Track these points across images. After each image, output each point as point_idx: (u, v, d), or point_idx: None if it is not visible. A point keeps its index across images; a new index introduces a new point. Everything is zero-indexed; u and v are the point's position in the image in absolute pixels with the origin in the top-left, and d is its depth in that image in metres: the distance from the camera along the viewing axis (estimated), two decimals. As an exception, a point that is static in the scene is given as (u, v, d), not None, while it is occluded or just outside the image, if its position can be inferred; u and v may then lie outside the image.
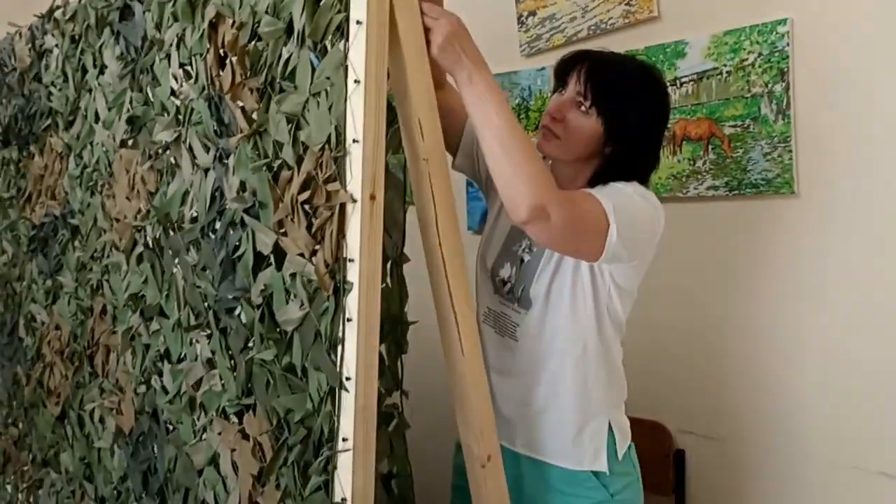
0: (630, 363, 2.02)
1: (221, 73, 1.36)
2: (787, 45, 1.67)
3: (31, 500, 2.09)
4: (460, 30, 1.22)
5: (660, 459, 1.96)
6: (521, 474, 1.47)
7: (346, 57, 1.12)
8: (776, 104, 1.70)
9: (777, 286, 1.77)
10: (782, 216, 1.74)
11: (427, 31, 1.19)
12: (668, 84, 1.82)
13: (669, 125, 1.84)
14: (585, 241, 1.29)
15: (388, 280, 1.23)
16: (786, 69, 1.68)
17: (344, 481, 1.13)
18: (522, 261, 1.46)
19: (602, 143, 1.40)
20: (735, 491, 1.88)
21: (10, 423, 2.19)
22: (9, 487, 2.21)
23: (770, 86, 1.70)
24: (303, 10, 1.18)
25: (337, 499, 1.13)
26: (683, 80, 1.84)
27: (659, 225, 1.39)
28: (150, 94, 1.58)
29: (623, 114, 1.37)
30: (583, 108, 1.38)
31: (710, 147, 1.81)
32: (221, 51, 1.36)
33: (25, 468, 2.11)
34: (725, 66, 1.77)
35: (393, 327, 1.24)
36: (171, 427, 1.54)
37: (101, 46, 1.74)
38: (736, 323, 1.85)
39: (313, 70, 1.18)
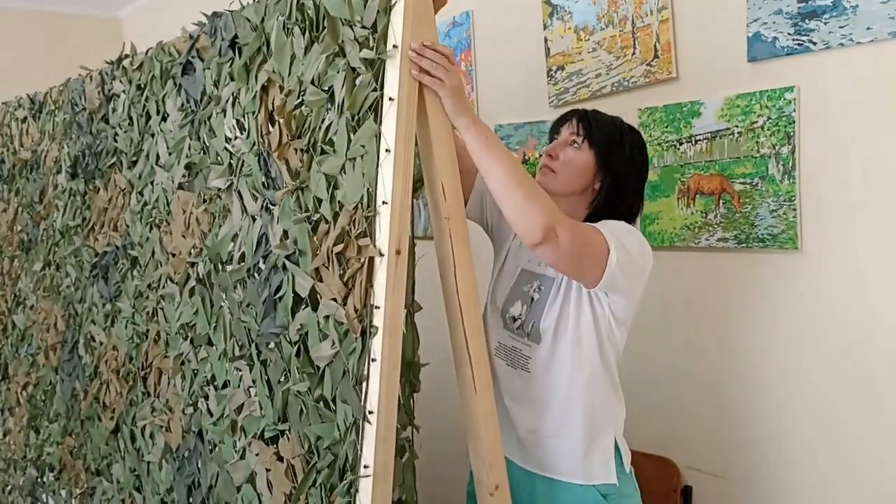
0: (644, 402, 2.15)
1: (270, 131, 1.53)
2: (794, 110, 1.79)
3: (84, 505, 2.27)
4: (462, 82, 1.38)
5: (668, 493, 2.07)
6: (535, 492, 1.61)
7: (379, 129, 1.27)
8: (783, 165, 1.81)
9: (781, 336, 1.88)
10: (786, 270, 1.85)
11: (437, 79, 1.31)
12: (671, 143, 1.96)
13: (684, 179, 1.98)
14: (588, 263, 1.45)
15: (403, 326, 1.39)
16: (792, 133, 1.79)
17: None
18: (532, 299, 1.61)
19: (593, 176, 1.61)
20: (738, 528, 1.98)
21: (67, 434, 2.37)
22: (63, 493, 2.40)
23: (777, 148, 1.82)
24: (343, 84, 1.34)
25: (358, 519, 1.28)
26: (698, 137, 1.97)
27: (649, 260, 1.56)
28: (207, 144, 1.75)
29: (611, 146, 1.60)
30: (576, 144, 1.61)
31: (721, 202, 1.93)
32: (271, 112, 1.53)
33: (80, 476, 2.29)
34: (737, 126, 1.89)
35: (407, 368, 1.38)
36: (214, 446, 1.69)
37: (164, 96, 1.92)
38: (744, 369, 1.96)
39: (350, 138, 1.34)
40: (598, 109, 1.66)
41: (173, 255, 1.87)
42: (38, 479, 2.55)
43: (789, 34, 1.78)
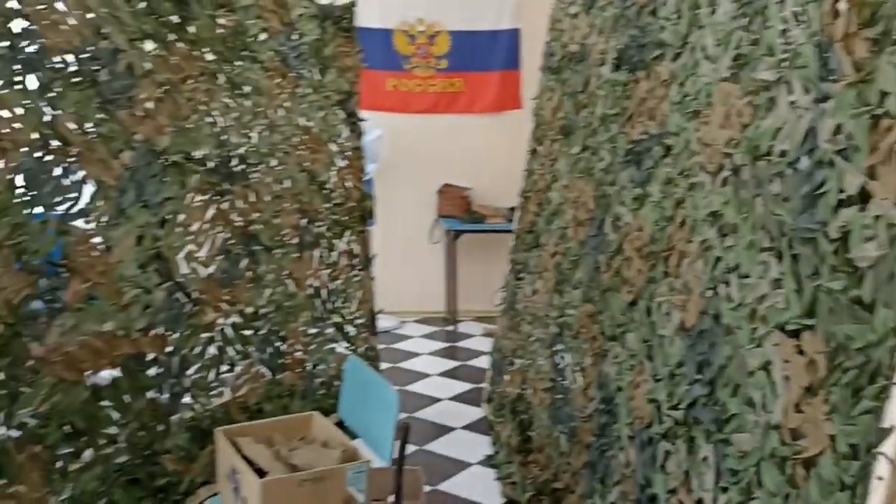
0: None
1: (834, 21, 1.47)
2: None
3: (596, 364, 2.55)
4: None
5: None
6: None
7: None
8: None
9: None
10: None
11: None
12: None
13: None
14: None
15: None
16: None
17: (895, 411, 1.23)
18: None
19: None
20: None
21: (587, 301, 2.67)
22: (580, 352, 2.72)
23: None
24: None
25: (886, 424, 1.24)
26: None
27: None
28: (759, 35, 1.75)
29: None
30: None
31: None
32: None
33: (595, 339, 2.57)
34: None
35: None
36: (729, 331, 1.76)
37: (716, -13, 1.96)
38: None
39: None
40: None
41: (708, 146, 1.94)
42: (558, 335, 2.92)
43: None
